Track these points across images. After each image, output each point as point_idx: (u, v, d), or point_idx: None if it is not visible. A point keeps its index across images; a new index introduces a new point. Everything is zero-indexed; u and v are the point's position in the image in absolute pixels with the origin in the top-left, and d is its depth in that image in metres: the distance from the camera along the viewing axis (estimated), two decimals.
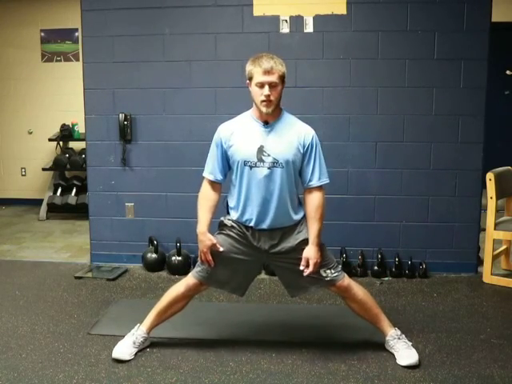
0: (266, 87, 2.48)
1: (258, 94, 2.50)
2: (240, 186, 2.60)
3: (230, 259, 2.66)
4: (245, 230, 2.63)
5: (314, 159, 2.60)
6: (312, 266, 2.57)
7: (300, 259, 2.61)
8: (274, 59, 2.52)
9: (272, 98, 2.50)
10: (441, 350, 2.80)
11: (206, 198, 2.66)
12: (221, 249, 2.63)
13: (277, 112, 2.59)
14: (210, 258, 2.63)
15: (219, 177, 2.65)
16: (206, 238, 2.61)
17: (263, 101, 2.50)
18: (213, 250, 2.63)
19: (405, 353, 2.65)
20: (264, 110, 2.52)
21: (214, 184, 2.66)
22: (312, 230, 2.60)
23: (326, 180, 2.64)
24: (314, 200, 2.61)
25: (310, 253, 2.58)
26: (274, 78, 2.48)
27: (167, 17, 3.97)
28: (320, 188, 2.62)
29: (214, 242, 2.62)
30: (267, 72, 2.47)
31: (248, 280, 2.80)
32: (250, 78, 2.54)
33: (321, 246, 2.62)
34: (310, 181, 2.61)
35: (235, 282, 2.75)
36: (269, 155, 2.54)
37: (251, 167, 2.56)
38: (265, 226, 2.60)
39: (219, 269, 2.68)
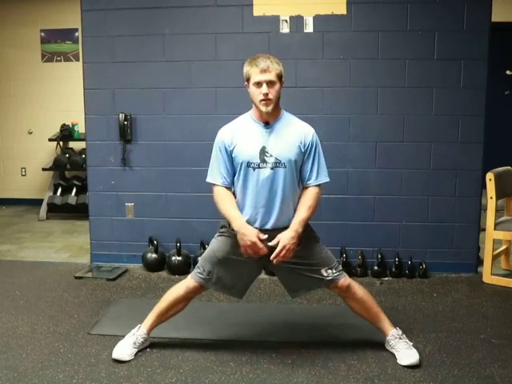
0: (264, 85, 2.49)
1: (257, 94, 2.51)
2: (243, 188, 2.60)
3: (231, 261, 2.65)
4: None
5: (313, 158, 2.61)
6: (280, 247, 2.51)
7: (299, 261, 2.61)
8: (271, 59, 2.53)
9: (271, 96, 2.50)
10: (441, 350, 2.80)
11: (226, 198, 2.60)
12: (265, 236, 2.53)
13: (277, 112, 2.59)
14: (261, 245, 2.51)
15: (227, 181, 2.62)
16: (249, 230, 2.53)
17: (262, 100, 2.50)
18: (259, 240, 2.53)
19: (406, 352, 2.65)
20: (264, 109, 2.52)
21: (225, 188, 2.63)
22: (297, 216, 2.57)
23: (324, 179, 2.64)
24: (308, 193, 2.61)
25: (284, 235, 2.53)
26: (271, 77, 2.49)
27: (167, 17, 3.97)
28: (317, 186, 2.62)
29: (257, 231, 2.53)
30: (264, 70, 2.48)
31: (248, 282, 2.79)
32: (248, 79, 2.55)
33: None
34: (309, 179, 2.62)
35: (236, 284, 2.74)
36: (271, 156, 2.54)
37: (254, 168, 2.55)
38: (269, 226, 2.59)
39: (221, 272, 2.67)
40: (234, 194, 2.66)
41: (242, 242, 2.54)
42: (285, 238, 2.53)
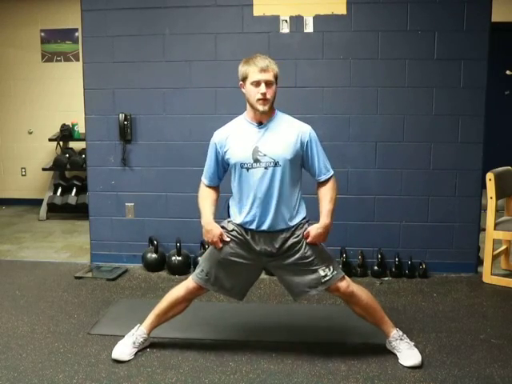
0: (263, 85, 2.49)
1: (254, 93, 2.51)
2: (240, 189, 2.60)
3: (230, 263, 2.64)
4: (245, 234, 2.62)
5: (318, 153, 2.63)
6: (310, 239, 2.59)
7: (298, 261, 2.61)
8: (268, 59, 2.55)
9: (268, 96, 2.51)
10: (441, 350, 2.80)
11: (206, 195, 2.70)
12: (227, 239, 2.62)
13: (270, 112, 2.59)
14: (220, 245, 2.63)
15: (213, 182, 2.70)
16: (214, 227, 2.61)
17: (259, 99, 2.51)
18: (221, 239, 2.62)
19: (408, 353, 2.65)
20: (261, 108, 2.52)
21: (208, 187, 2.71)
22: (322, 210, 2.62)
23: (331, 171, 2.68)
24: (326, 187, 2.65)
25: (312, 230, 2.60)
26: (269, 77, 2.50)
27: (167, 17, 3.97)
28: (330, 178, 2.66)
29: (222, 230, 2.62)
30: (263, 70, 2.49)
31: (247, 284, 2.78)
32: (245, 78, 2.54)
33: (326, 229, 2.64)
34: (320, 175, 2.64)
35: (235, 286, 2.73)
36: (265, 155, 2.54)
37: (248, 169, 2.55)
38: (265, 227, 2.58)
39: (220, 273, 2.67)
40: (233, 194, 2.67)
41: (205, 237, 2.66)
42: (311, 232, 2.59)
